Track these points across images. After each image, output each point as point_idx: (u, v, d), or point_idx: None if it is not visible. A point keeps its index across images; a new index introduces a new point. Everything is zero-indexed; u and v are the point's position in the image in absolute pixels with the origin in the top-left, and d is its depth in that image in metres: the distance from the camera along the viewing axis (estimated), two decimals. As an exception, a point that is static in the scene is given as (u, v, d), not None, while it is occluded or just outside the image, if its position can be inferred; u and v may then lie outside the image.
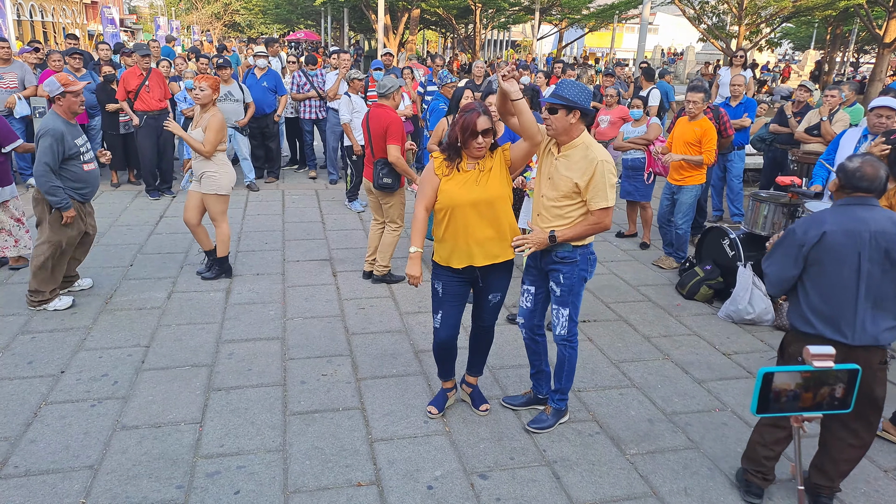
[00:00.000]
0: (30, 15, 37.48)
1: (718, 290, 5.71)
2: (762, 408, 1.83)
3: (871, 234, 2.84)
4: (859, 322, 2.91)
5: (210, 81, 5.45)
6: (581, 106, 3.25)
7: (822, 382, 1.81)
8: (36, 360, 4.29)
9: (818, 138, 6.96)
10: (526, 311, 3.76)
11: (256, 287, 5.66)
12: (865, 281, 2.87)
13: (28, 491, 3.10)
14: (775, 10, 21.31)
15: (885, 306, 2.90)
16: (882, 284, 2.87)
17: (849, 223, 2.87)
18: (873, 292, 2.88)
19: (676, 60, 35.60)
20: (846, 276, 2.89)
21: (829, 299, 2.94)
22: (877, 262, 2.85)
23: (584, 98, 3.27)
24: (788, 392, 1.81)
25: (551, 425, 3.77)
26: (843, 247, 2.87)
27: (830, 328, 2.95)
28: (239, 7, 53.15)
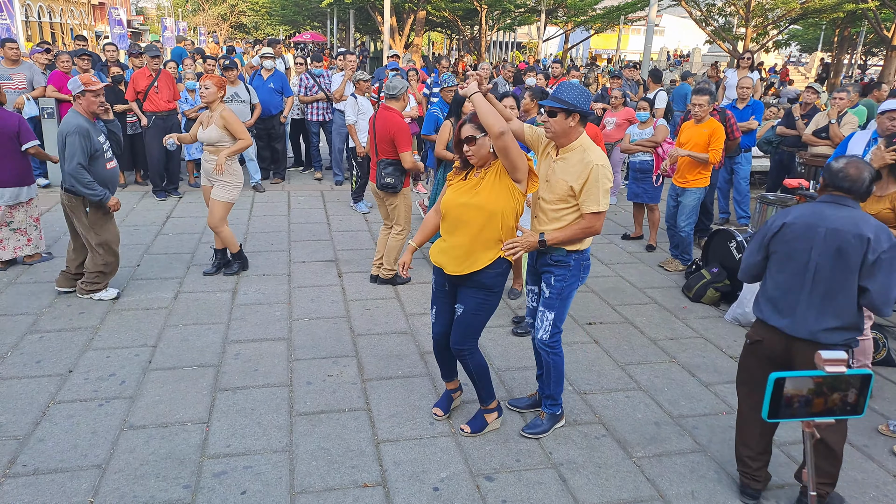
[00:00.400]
0: (38, 16, 37.68)
1: (725, 293, 5.70)
2: (773, 413, 1.82)
3: (827, 230, 2.90)
4: (801, 314, 2.96)
5: (215, 80, 5.50)
6: (580, 109, 3.27)
7: (834, 388, 1.80)
8: (44, 359, 4.31)
9: (826, 141, 6.94)
10: (532, 310, 3.78)
11: (263, 288, 5.67)
12: (813, 274, 2.93)
13: (37, 489, 3.11)
14: (783, 12, 21.24)
15: (834, 306, 2.91)
16: (831, 281, 2.90)
17: (809, 217, 2.96)
18: (821, 287, 2.92)
19: (682, 62, 35.52)
20: (796, 268, 2.98)
21: (780, 287, 3.04)
22: (827, 258, 2.90)
23: (583, 101, 3.28)
24: (800, 397, 1.81)
25: (546, 430, 3.72)
26: (798, 239, 2.97)
27: (775, 314, 3.05)
28: (245, 9, 53.33)
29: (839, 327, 2.93)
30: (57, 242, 6.56)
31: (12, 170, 5.59)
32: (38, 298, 5.23)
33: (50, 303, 5.17)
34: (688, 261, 6.51)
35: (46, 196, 8.20)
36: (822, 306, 2.93)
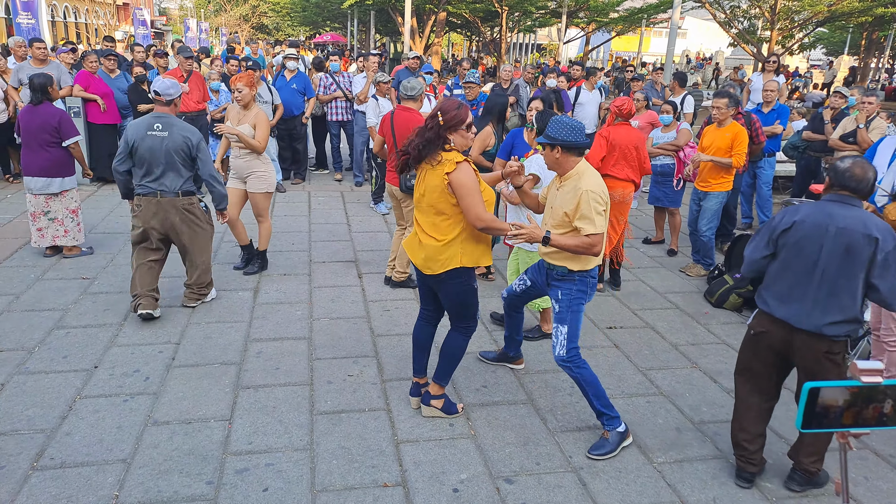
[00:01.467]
0: (63, 16, 38.25)
1: (748, 299, 5.64)
2: (807, 423, 1.80)
3: (837, 229, 3.00)
4: (808, 308, 3.09)
5: (245, 80, 5.55)
6: (561, 142, 3.46)
7: (870, 398, 1.78)
8: (70, 354, 4.38)
9: (853, 146, 6.85)
10: (512, 289, 4.14)
11: (284, 287, 5.72)
12: (821, 272, 3.05)
13: (63, 482, 3.17)
14: (809, 15, 20.99)
15: (839, 301, 3.04)
16: (837, 278, 3.03)
17: (819, 217, 3.06)
18: (828, 284, 3.04)
19: (705, 65, 35.23)
20: (805, 264, 3.09)
21: (786, 282, 3.16)
22: (836, 256, 3.01)
23: (565, 134, 3.47)
24: (836, 408, 1.79)
25: (612, 450, 3.62)
26: (808, 237, 3.07)
27: (782, 307, 3.17)
28: (266, 9, 53.74)
29: (842, 321, 3.06)
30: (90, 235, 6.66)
31: (45, 161, 5.86)
32: (64, 294, 5.32)
33: (75, 299, 5.25)
34: (710, 266, 6.45)
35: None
36: (827, 302, 3.06)
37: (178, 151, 4.78)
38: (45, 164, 5.87)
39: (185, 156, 4.83)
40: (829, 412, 1.79)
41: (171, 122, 4.80)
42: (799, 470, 3.38)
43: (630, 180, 5.67)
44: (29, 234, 6.69)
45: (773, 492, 3.40)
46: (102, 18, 44.03)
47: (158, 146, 4.74)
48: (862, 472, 3.59)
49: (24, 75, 8.22)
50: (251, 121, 5.58)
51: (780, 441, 3.82)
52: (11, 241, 6.55)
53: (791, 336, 3.16)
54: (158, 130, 4.75)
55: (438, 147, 3.42)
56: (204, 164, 4.89)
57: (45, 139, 5.82)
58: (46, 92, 5.81)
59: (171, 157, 4.77)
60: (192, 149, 4.84)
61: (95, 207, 7.83)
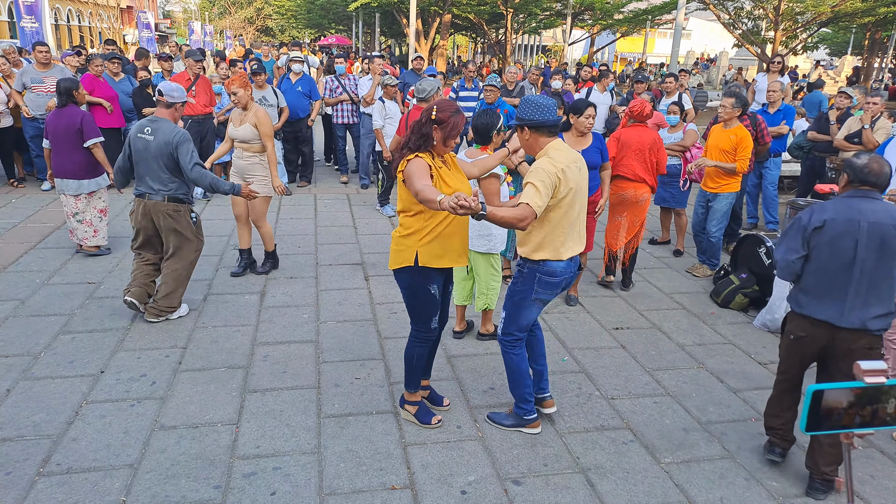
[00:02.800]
0: (67, 20, 38.41)
1: (754, 299, 5.63)
2: (812, 426, 1.79)
3: (869, 223, 3.04)
4: (849, 305, 3.12)
5: (238, 82, 5.59)
6: (528, 121, 3.36)
7: (874, 399, 1.77)
8: (77, 359, 4.39)
9: (858, 146, 6.82)
10: None
11: (290, 290, 5.72)
12: (860, 267, 3.07)
13: (70, 488, 3.17)
14: (813, 16, 20.93)
15: (878, 294, 3.10)
16: (876, 272, 3.07)
17: (849, 213, 3.08)
18: (867, 278, 3.08)
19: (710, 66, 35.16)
20: (842, 261, 3.10)
21: (823, 282, 3.17)
22: (872, 250, 3.05)
23: (531, 113, 3.35)
24: (840, 409, 1.78)
25: (506, 425, 3.80)
26: (842, 234, 3.08)
27: (820, 308, 3.19)
28: (271, 12, 53.85)
29: (883, 314, 3.11)
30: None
31: (76, 162, 6.05)
32: (70, 299, 5.33)
33: (81, 304, 5.26)
34: (716, 266, 6.44)
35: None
36: (867, 296, 3.10)
37: (160, 156, 4.71)
38: (73, 167, 6.05)
39: (169, 159, 4.73)
40: (833, 414, 1.78)
41: (159, 126, 4.74)
42: (818, 478, 3.36)
43: (641, 180, 5.65)
44: (33, 239, 6.74)
45: (779, 490, 3.39)
46: (106, 22, 44.19)
47: (144, 149, 4.73)
48: (868, 471, 3.58)
49: (27, 79, 8.26)
50: (251, 120, 5.61)
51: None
52: (17, 245, 6.57)
53: (832, 336, 3.19)
54: (147, 133, 4.74)
55: (430, 143, 3.35)
56: (185, 161, 4.72)
57: (71, 141, 5.99)
58: (72, 95, 6.01)
59: (154, 161, 4.73)
60: (173, 150, 4.71)
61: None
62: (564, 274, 3.50)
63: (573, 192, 3.35)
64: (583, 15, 30.56)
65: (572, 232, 3.46)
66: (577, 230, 3.50)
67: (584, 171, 3.45)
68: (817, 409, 1.77)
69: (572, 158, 3.36)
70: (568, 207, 3.36)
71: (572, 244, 3.48)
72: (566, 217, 3.38)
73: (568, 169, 3.30)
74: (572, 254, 3.48)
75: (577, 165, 3.38)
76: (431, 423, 3.80)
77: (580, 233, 3.53)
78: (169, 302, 4.95)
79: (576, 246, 3.51)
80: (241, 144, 5.66)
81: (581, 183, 3.42)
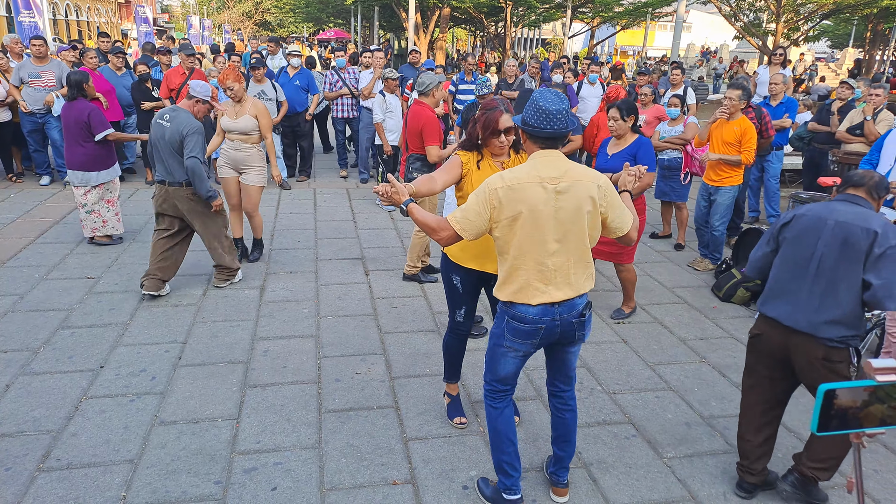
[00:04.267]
0: (65, 14, 38.27)
1: (756, 293, 5.60)
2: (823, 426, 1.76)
3: (836, 222, 2.91)
4: (801, 304, 2.95)
5: (232, 76, 5.59)
6: (521, 125, 2.75)
7: (889, 397, 1.74)
8: (76, 354, 4.37)
9: (860, 138, 6.79)
10: None
11: (290, 285, 5.70)
12: (817, 264, 2.92)
13: (70, 483, 3.15)
14: (814, 8, 20.85)
15: (835, 298, 2.88)
16: (834, 273, 2.88)
17: (822, 211, 2.98)
18: (824, 278, 2.90)
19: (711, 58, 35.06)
20: (801, 258, 2.98)
21: (782, 278, 3.05)
22: (833, 248, 2.89)
23: (529, 116, 2.71)
24: (853, 409, 1.75)
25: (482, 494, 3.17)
26: (807, 230, 2.98)
27: (775, 305, 3.04)
28: (270, 6, 53.66)
29: (838, 321, 2.88)
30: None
31: (81, 155, 6.15)
32: (69, 294, 5.31)
33: (80, 299, 5.23)
34: (718, 260, 6.41)
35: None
36: (822, 297, 2.90)
37: (174, 142, 4.93)
38: (82, 159, 6.16)
39: (180, 146, 4.95)
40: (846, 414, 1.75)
41: (178, 115, 4.98)
42: (796, 472, 3.17)
43: None
44: (32, 233, 6.73)
45: (782, 485, 3.36)
46: (105, 16, 44.03)
47: (160, 135, 4.96)
48: (872, 465, 3.57)
49: (24, 73, 8.22)
50: (251, 112, 5.68)
51: (789, 435, 3.79)
52: (16, 240, 6.54)
53: (787, 339, 3.00)
54: (165, 120, 4.97)
55: (475, 142, 3.30)
56: (189, 150, 4.92)
57: (78, 134, 6.10)
58: (81, 88, 6.13)
59: (169, 148, 4.96)
60: (183, 139, 4.92)
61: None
62: (537, 323, 2.76)
63: (525, 218, 2.65)
64: (583, 8, 30.45)
65: (544, 271, 2.71)
66: (553, 269, 2.72)
67: (571, 195, 2.65)
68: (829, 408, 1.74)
69: (545, 178, 2.65)
70: (525, 235, 2.67)
71: (544, 287, 2.73)
72: (525, 248, 2.69)
73: (522, 187, 2.64)
74: (547, 300, 2.74)
75: (552, 187, 2.64)
76: (453, 421, 3.76)
77: (565, 275, 2.74)
78: (227, 265, 5.43)
79: (554, 291, 2.74)
80: (240, 136, 5.66)
81: (553, 209, 2.65)
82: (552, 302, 2.76)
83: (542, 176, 2.66)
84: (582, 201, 2.67)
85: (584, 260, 2.78)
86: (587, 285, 2.83)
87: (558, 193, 2.65)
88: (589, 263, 2.82)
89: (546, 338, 2.84)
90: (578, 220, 2.68)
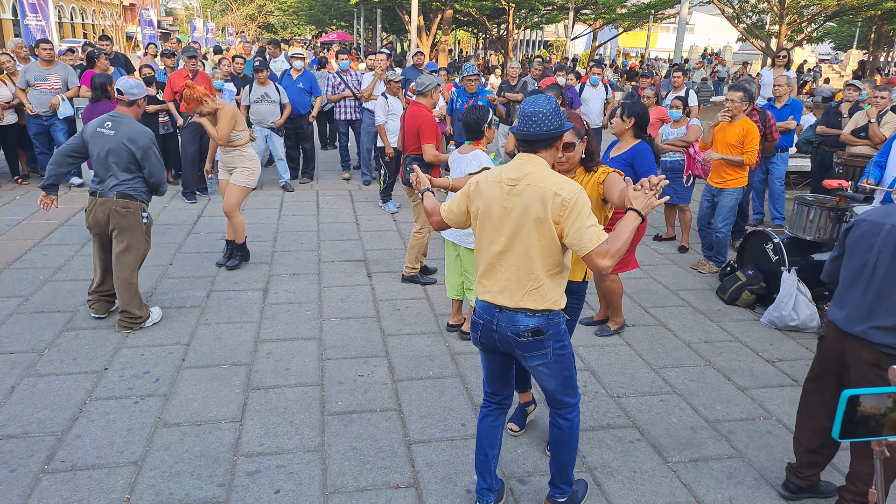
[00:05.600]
0: (70, 17, 38.38)
1: (761, 296, 5.58)
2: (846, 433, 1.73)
3: (891, 226, 2.84)
4: (854, 309, 2.92)
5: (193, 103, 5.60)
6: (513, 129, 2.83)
7: None
8: (80, 356, 4.37)
9: (865, 141, 6.77)
10: None
11: (293, 287, 5.70)
12: (870, 270, 2.88)
13: (74, 485, 3.15)
14: (818, 10, 20.81)
15: (886, 304, 2.81)
16: (886, 279, 2.82)
17: (880, 215, 2.93)
18: (876, 284, 2.85)
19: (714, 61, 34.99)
20: (857, 263, 2.95)
21: (844, 283, 3.02)
22: (886, 254, 2.83)
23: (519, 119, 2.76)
24: (877, 416, 1.72)
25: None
26: (864, 235, 2.94)
27: (835, 309, 3.04)
28: (273, 9, 53.76)
29: (886, 327, 2.81)
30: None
31: None
32: (73, 296, 5.31)
33: (84, 301, 5.23)
34: (722, 262, 6.39)
35: (80, 195, 8.33)
36: (875, 304, 2.85)
37: (119, 153, 4.56)
38: None
39: (128, 159, 4.59)
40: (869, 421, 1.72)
41: (121, 123, 4.60)
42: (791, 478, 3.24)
43: None
44: (37, 236, 6.74)
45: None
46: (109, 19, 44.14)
47: (102, 145, 4.58)
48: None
49: (31, 76, 8.24)
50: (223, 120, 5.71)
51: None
52: (21, 242, 6.55)
53: (843, 343, 2.97)
54: (107, 129, 4.59)
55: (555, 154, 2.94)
56: (152, 168, 4.64)
57: None
58: (105, 90, 6.19)
59: (111, 158, 4.58)
60: (136, 152, 4.58)
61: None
62: (479, 317, 2.82)
63: (482, 214, 2.74)
64: (585, 10, 30.42)
65: (490, 270, 2.76)
66: (497, 270, 2.74)
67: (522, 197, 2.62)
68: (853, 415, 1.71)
69: (504, 178, 2.69)
70: (480, 230, 2.78)
71: (489, 284, 2.77)
72: (481, 243, 2.80)
73: (487, 185, 2.73)
74: (489, 298, 2.77)
75: (508, 187, 2.66)
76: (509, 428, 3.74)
77: (507, 281, 2.71)
78: (131, 313, 4.75)
79: (495, 293, 2.75)
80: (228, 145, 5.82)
81: (503, 208, 2.67)
82: (494, 303, 2.77)
83: (502, 176, 2.70)
84: (530, 204, 2.61)
85: (527, 272, 2.68)
86: (529, 302, 2.70)
87: (511, 194, 2.66)
88: (533, 279, 2.68)
89: (486, 337, 2.84)
90: (525, 223, 2.63)
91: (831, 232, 5.31)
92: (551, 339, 2.77)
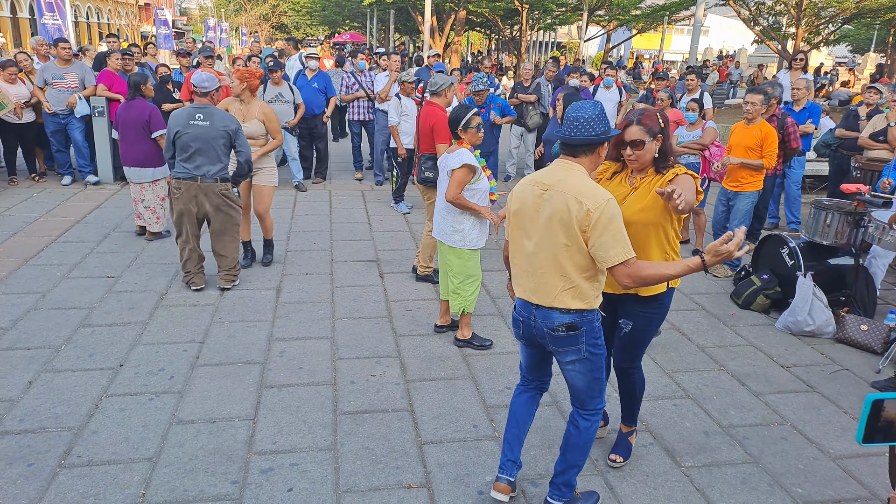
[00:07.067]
0: (87, 16, 38.72)
1: (776, 301, 5.55)
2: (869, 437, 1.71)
3: None
4: None
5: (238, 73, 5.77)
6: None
7: None
8: (96, 352, 4.41)
9: (883, 145, 6.71)
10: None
11: (306, 286, 5.72)
12: None
13: (91, 480, 3.18)
14: (836, 12, 20.64)
15: None
16: None
17: None
18: None
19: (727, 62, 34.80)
20: None
21: None
22: None
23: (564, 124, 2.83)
24: None
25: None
26: None
27: None
28: (287, 9, 54.00)
29: None
30: (113, 234, 6.72)
31: (139, 152, 6.48)
32: (89, 293, 5.36)
33: (101, 297, 5.29)
34: (737, 266, 6.36)
35: (96, 193, 8.41)
36: None
37: (217, 139, 5.15)
38: (139, 156, 6.47)
39: (225, 143, 5.20)
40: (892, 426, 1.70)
41: (211, 112, 5.18)
42: None
43: None
44: (53, 232, 6.80)
45: (804, 496, 3.32)
46: (125, 18, 44.51)
47: (202, 134, 5.12)
48: None
49: (48, 75, 8.32)
50: (258, 116, 5.78)
51: (810, 445, 3.74)
52: (38, 238, 6.62)
53: None
54: (200, 120, 5.15)
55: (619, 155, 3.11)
56: (243, 148, 5.29)
57: (138, 132, 6.41)
58: (139, 89, 6.44)
59: (212, 145, 5.14)
60: (232, 136, 5.22)
61: (119, 206, 7.90)
62: (519, 314, 2.94)
63: (513, 217, 2.87)
64: (599, 11, 30.35)
65: (522, 267, 2.87)
66: (531, 269, 2.81)
67: (551, 202, 2.69)
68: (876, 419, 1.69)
69: (538, 181, 2.77)
70: (513, 229, 2.89)
71: (525, 282, 2.87)
72: (514, 242, 2.90)
73: (524, 188, 2.82)
74: (525, 296, 2.87)
75: (541, 191, 2.74)
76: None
77: (541, 280, 2.78)
78: (237, 266, 5.62)
79: (530, 291, 2.84)
80: (248, 139, 5.74)
81: (534, 212, 2.76)
82: (529, 301, 2.86)
83: (537, 179, 2.79)
84: (557, 209, 2.66)
85: (559, 274, 2.73)
86: (561, 302, 2.75)
87: (542, 199, 2.73)
88: (566, 280, 2.72)
89: (525, 332, 2.94)
90: (552, 226, 2.69)
91: (848, 237, 5.27)
92: (585, 335, 2.82)
